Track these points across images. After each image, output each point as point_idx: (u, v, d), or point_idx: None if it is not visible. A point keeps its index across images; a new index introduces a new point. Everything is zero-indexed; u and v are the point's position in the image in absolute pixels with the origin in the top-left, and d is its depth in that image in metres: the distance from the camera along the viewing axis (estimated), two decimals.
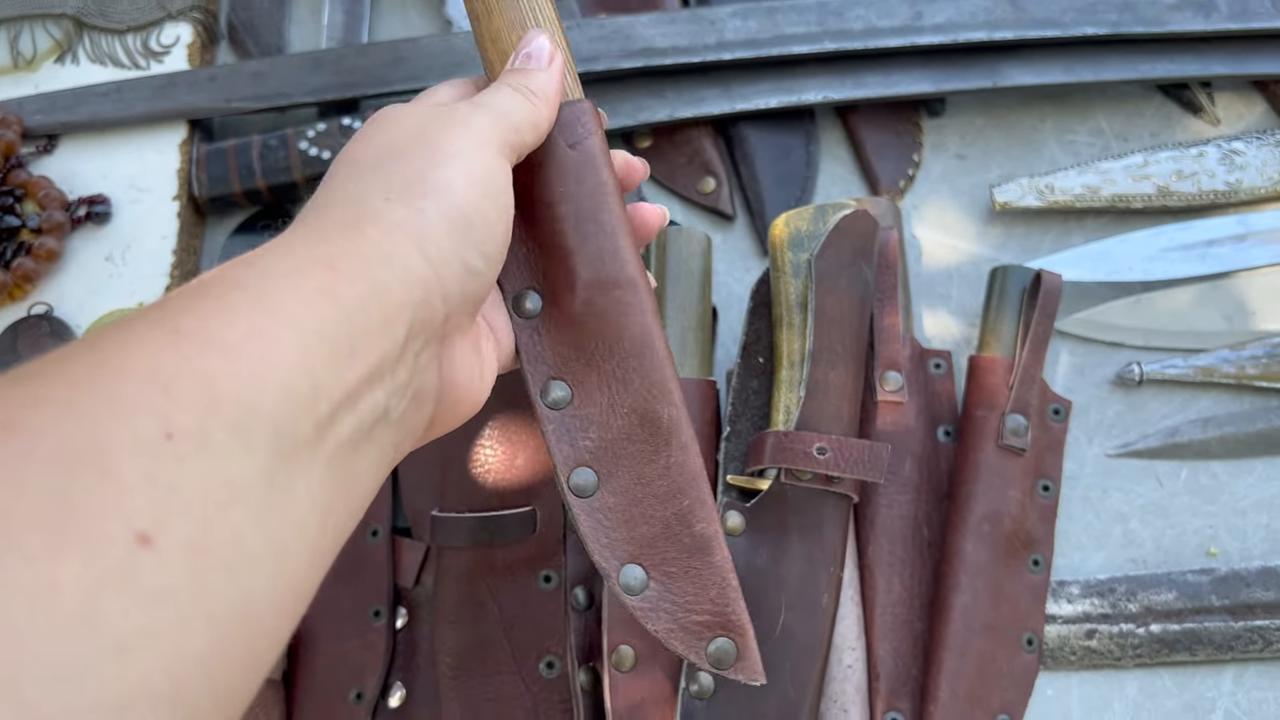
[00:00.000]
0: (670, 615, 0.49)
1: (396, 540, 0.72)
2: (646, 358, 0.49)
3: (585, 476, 0.50)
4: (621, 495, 0.49)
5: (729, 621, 0.49)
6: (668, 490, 0.49)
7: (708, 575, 0.49)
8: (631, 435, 0.49)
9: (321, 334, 0.33)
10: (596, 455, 0.50)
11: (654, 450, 0.49)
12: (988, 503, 0.69)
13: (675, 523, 0.49)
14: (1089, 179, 0.80)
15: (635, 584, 0.49)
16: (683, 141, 0.85)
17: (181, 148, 0.83)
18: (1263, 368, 0.75)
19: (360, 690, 0.69)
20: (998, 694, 0.67)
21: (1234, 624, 0.69)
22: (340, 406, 0.34)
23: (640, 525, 0.49)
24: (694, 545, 0.49)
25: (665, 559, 0.49)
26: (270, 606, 0.30)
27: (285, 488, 0.31)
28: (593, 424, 0.50)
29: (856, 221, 0.70)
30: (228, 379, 0.30)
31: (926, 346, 0.78)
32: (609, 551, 0.49)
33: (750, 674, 0.49)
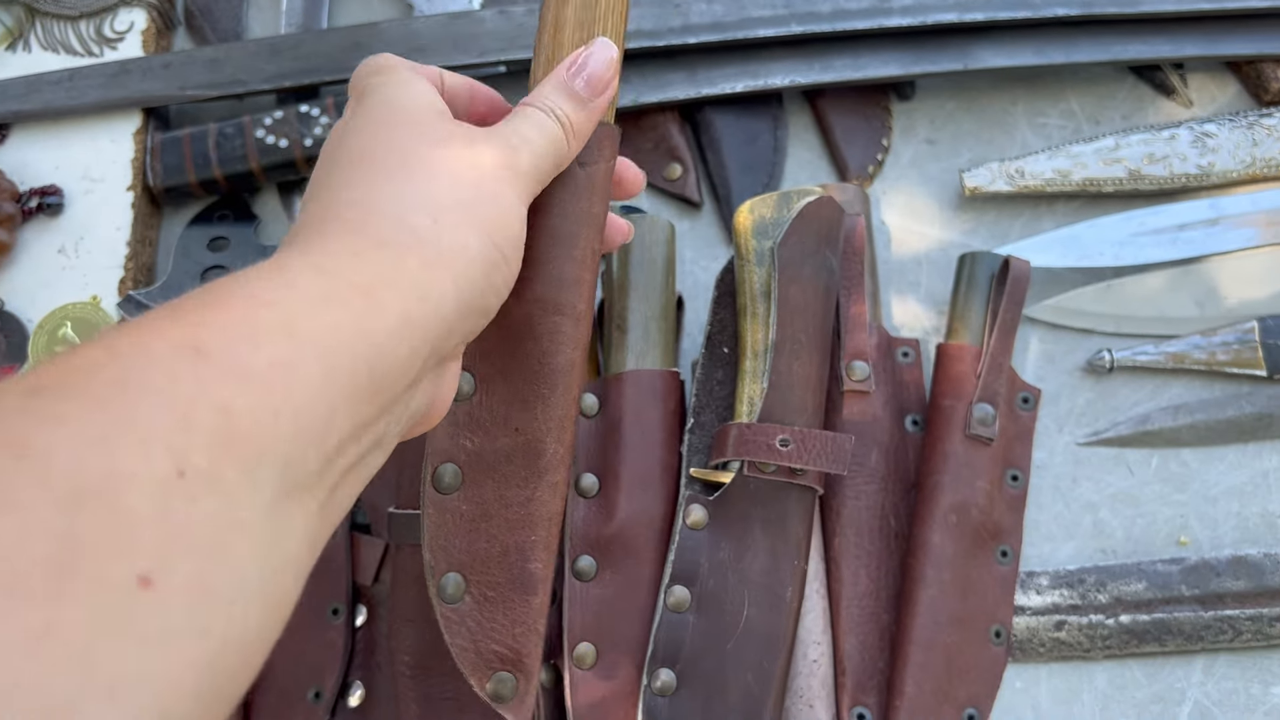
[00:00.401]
0: (470, 634, 0.50)
1: (355, 537, 0.70)
2: (559, 390, 0.49)
3: (451, 474, 0.50)
4: (477, 506, 0.49)
5: (521, 662, 0.50)
6: (521, 520, 0.50)
7: (521, 612, 0.50)
8: (512, 456, 0.49)
9: (346, 369, 0.32)
10: (471, 459, 0.50)
11: (525, 479, 0.50)
12: (955, 494, 0.68)
13: (514, 553, 0.50)
14: (1059, 163, 0.79)
15: (452, 592, 0.50)
16: (649, 127, 0.84)
17: (136, 137, 0.81)
18: (1234, 354, 0.74)
19: (319, 689, 0.68)
20: (965, 687, 0.67)
21: (1204, 614, 0.68)
22: (348, 441, 0.33)
23: (481, 541, 0.50)
24: (522, 580, 0.50)
25: (490, 581, 0.50)
26: (260, 637, 0.29)
27: (286, 523, 0.30)
28: (480, 429, 0.49)
29: (821, 208, 0.69)
30: (245, 414, 0.29)
31: (895, 335, 0.77)
32: (443, 553, 0.50)
33: (520, 716, 0.50)
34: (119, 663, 0.24)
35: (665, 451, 0.68)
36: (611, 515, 0.66)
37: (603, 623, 0.65)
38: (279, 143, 0.80)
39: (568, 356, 0.49)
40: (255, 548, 0.28)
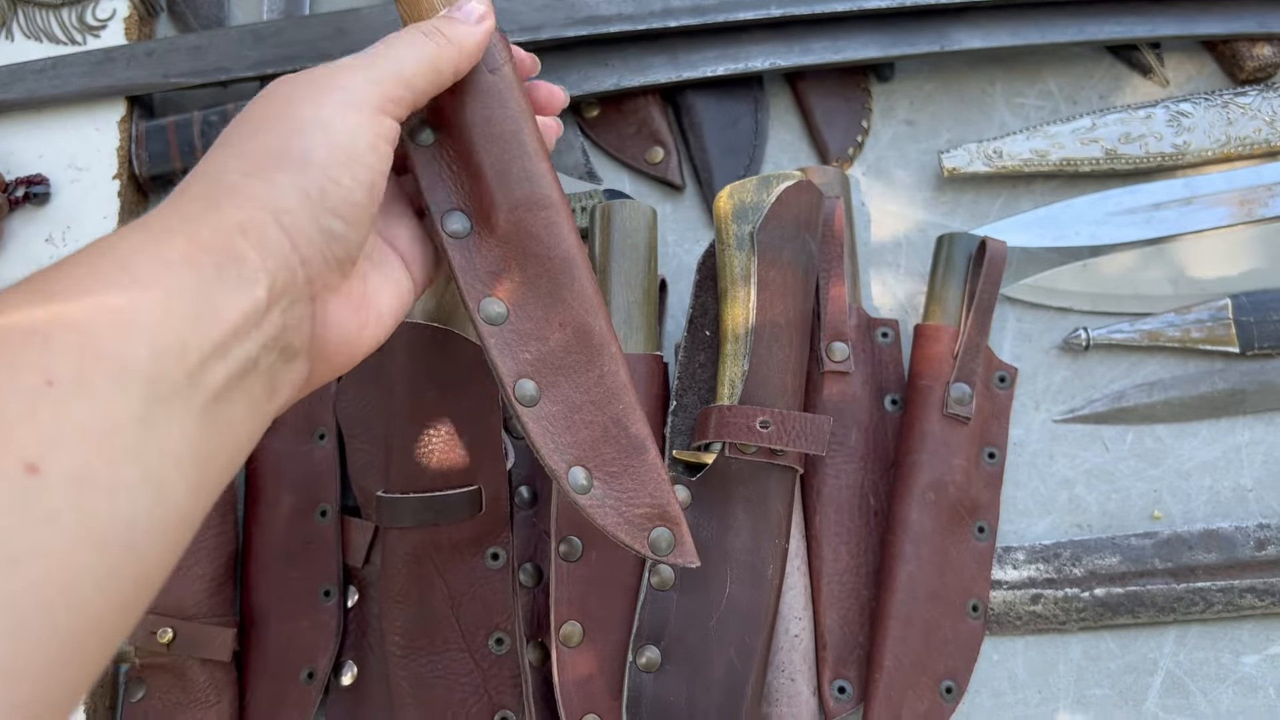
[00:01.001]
0: (615, 510, 0.53)
1: (345, 520, 0.72)
2: (574, 275, 0.53)
3: (527, 388, 0.52)
4: (562, 403, 0.53)
5: (666, 513, 0.53)
6: (603, 397, 0.53)
7: (644, 472, 0.53)
8: (568, 347, 0.53)
9: (183, 294, 0.37)
10: (536, 367, 0.53)
11: (588, 361, 0.53)
12: (932, 471, 0.70)
13: (612, 426, 0.53)
14: (1037, 143, 0.80)
15: (584, 483, 0.52)
16: (630, 111, 0.84)
17: (121, 125, 0.82)
18: (1207, 331, 0.75)
19: (312, 669, 0.69)
20: (943, 660, 0.68)
21: (1176, 586, 0.70)
22: (209, 358, 0.37)
23: (582, 430, 0.53)
24: (630, 445, 0.53)
25: (606, 459, 0.53)
26: (152, 532, 0.33)
27: (162, 427, 0.34)
28: (530, 338, 0.53)
29: (800, 193, 0.70)
30: (104, 335, 0.33)
31: (875, 315, 0.78)
32: (557, 455, 0.52)
33: (687, 558, 0.53)
34: (16, 536, 0.29)
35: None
36: None
37: (589, 602, 0.66)
38: None
39: (566, 243, 0.52)
40: (132, 445, 0.33)
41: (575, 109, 0.85)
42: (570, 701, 0.64)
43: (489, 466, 0.67)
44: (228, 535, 0.71)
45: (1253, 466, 0.74)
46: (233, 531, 0.72)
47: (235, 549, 0.72)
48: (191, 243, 0.38)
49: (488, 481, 0.67)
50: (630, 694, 0.63)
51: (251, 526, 0.73)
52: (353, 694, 0.70)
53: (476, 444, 0.66)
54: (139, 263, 0.37)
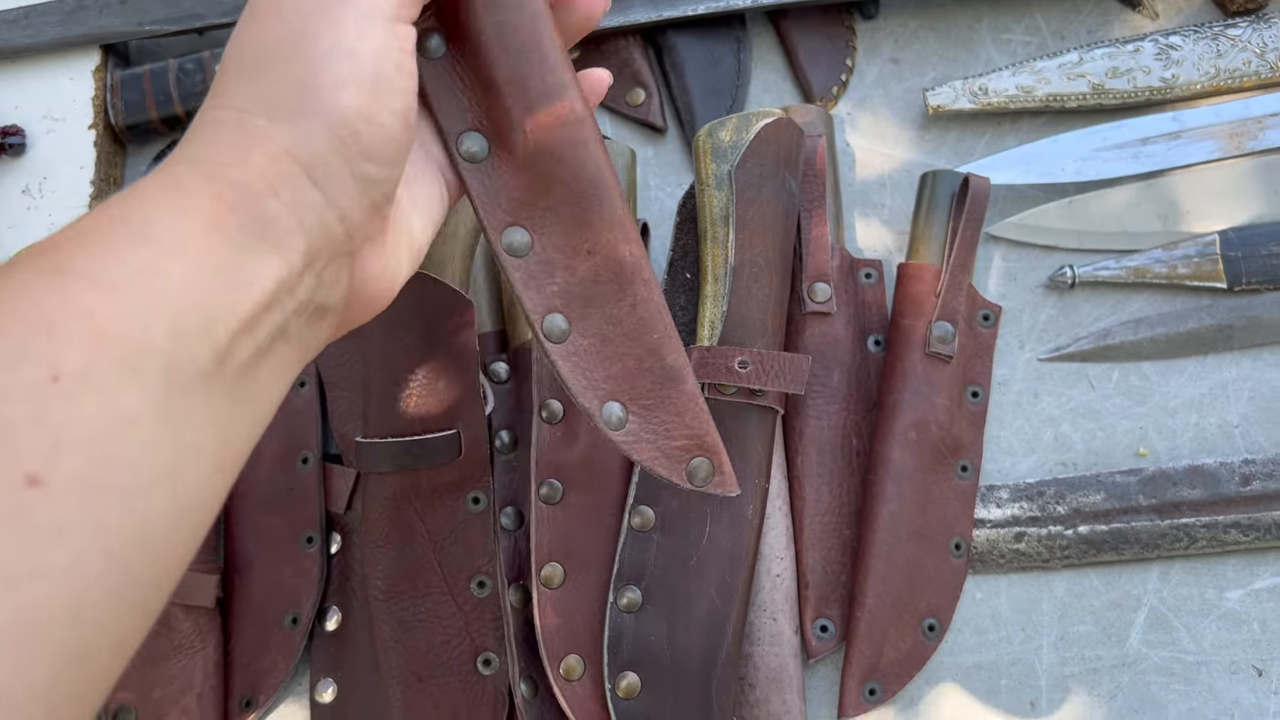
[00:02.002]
0: (652, 444, 0.50)
1: (327, 467, 0.72)
2: (603, 196, 0.48)
3: (556, 322, 0.49)
4: (594, 336, 0.50)
5: (704, 443, 0.51)
6: (636, 327, 0.50)
7: (681, 403, 0.50)
8: (597, 276, 0.49)
9: (211, 266, 0.33)
10: (565, 300, 0.49)
11: (620, 289, 0.49)
12: (914, 411, 0.69)
13: (647, 357, 0.50)
14: (1023, 79, 0.78)
15: (616, 419, 0.50)
16: (610, 52, 0.83)
17: (95, 74, 0.81)
18: (1194, 267, 0.74)
19: (296, 615, 0.70)
20: (925, 598, 0.68)
21: (1160, 523, 0.70)
22: (237, 334, 0.34)
23: (615, 363, 0.50)
24: (666, 376, 0.50)
25: (641, 392, 0.50)
26: (170, 526, 0.31)
27: (184, 416, 0.31)
28: (557, 268, 0.49)
29: (779, 130, 0.69)
30: (114, 318, 0.30)
31: (859, 256, 0.77)
32: (590, 392, 0.50)
33: (727, 487, 0.51)
34: (16, 555, 0.26)
35: None
36: (576, 440, 0.67)
37: (569, 544, 0.66)
38: None
39: (594, 160, 0.48)
40: (147, 441, 0.30)
41: None
42: (552, 642, 0.64)
43: (468, 411, 0.66)
44: None
45: (1239, 402, 0.73)
46: None
47: None
48: (219, 203, 0.35)
49: (467, 426, 0.67)
50: (611, 634, 0.64)
51: None
52: (337, 639, 0.70)
53: (454, 388, 0.66)
54: (160, 229, 0.33)
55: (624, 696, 0.63)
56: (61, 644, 0.27)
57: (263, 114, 0.38)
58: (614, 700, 0.63)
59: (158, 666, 0.68)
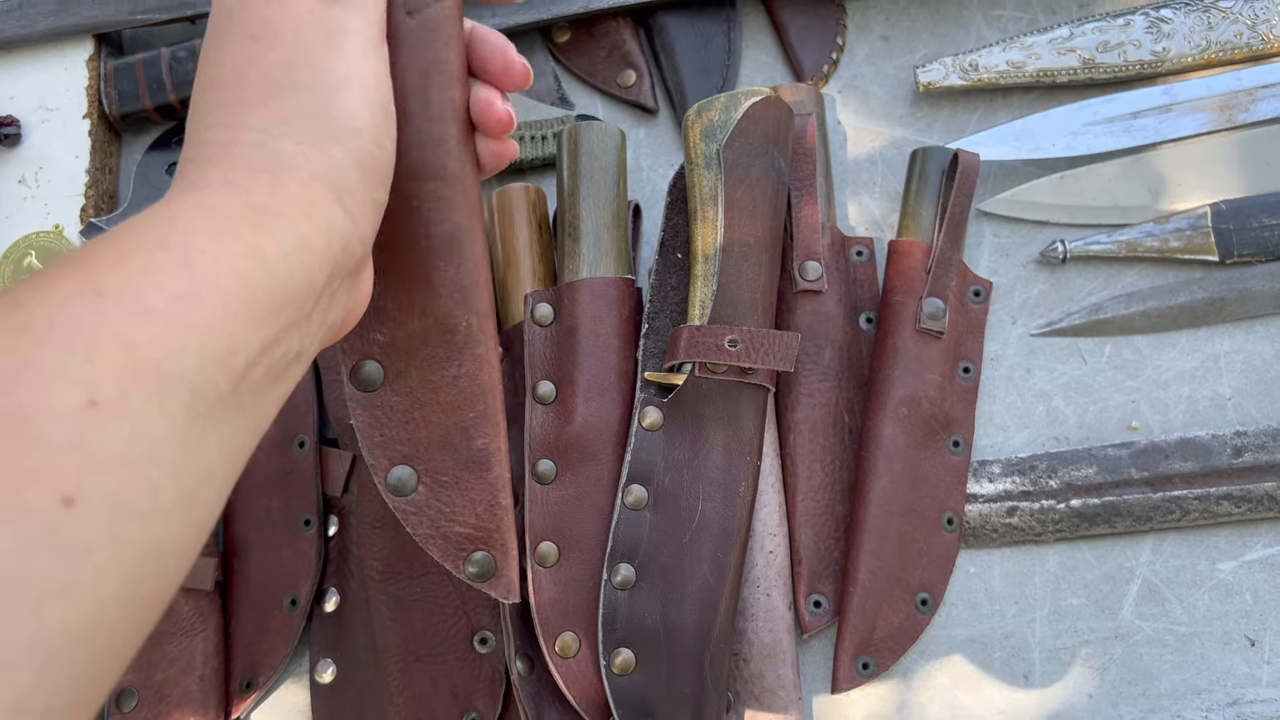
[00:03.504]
0: (432, 522, 0.49)
1: (323, 451, 0.72)
2: (454, 260, 0.47)
3: (371, 370, 0.48)
4: (405, 396, 0.48)
5: (491, 538, 0.50)
6: (454, 400, 0.48)
7: (479, 490, 0.49)
8: (426, 338, 0.48)
9: (244, 296, 0.34)
10: (386, 351, 0.48)
11: (446, 357, 0.48)
12: (905, 387, 0.69)
13: (456, 434, 0.49)
14: (1013, 55, 0.78)
15: (403, 485, 0.49)
16: (601, 34, 0.83)
17: (89, 64, 0.81)
18: (1186, 240, 0.74)
19: (294, 597, 0.70)
20: (918, 573, 0.69)
21: (1153, 495, 0.70)
22: (257, 360, 0.35)
23: (420, 429, 0.49)
24: (471, 459, 0.49)
25: (439, 467, 0.49)
26: (180, 547, 0.32)
27: (200, 442, 0.32)
28: (388, 318, 0.48)
29: (767, 108, 0.69)
30: (149, 345, 0.31)
31: (851, 234, 0.78)
32: (380, 450, 0.49)
33: (504, 592, 0.50)
34: (49, 576, 0.27)
35: (621, 358, 0.69)
36: (569, 420, 0.68)
37: (563, 523, 0.67)
38: None
39: (452, 223, 0.46)
40: (170, 466, 0.31)
41: (546, 34, 0.84)
42: (547, 620, 0.65)
43: None
44: None
45: (1232, 375, 0.73)
46: None
47: None
48: (257, 231, 0.35)
49: None
50: (606, 611, 0.64)
51: None
52: (335, 620, 0.71)
53: None
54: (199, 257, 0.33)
55: (619, 673, 0.63)
56: (77, 661, 0.28)
57: (286, 139, 0.39)
58: (609, 676, 0.63)
59: (159, 649, 0.69)
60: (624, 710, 0.62)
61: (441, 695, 0.66)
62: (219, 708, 0.69)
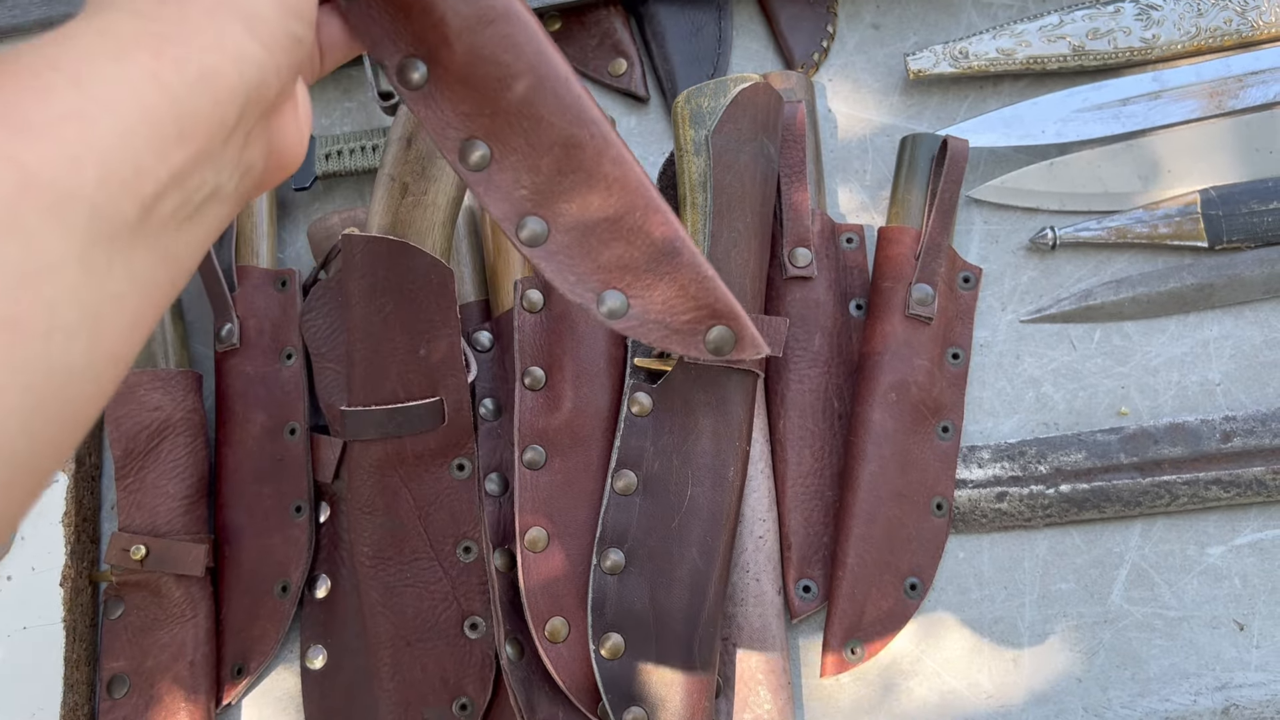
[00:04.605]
0: (660, 324, 0.50)
1: (314, 437, 0.72)
2: (549, 85, 0.46)
3: (533, 226, 0.49)
4: (573, 230, 0.49)
5: (716, 310, 0.50)
6: (616, 209, 0.48)
7: (682, 275, 0.50)
8: (562, 168, 0.48)
9: (145, 119, 0.33)
10: (535, 200, 0.48)
11: (589, 176, 0.48)
12: (894, 372, 0.70)
13: (634, 236, 0.49)
14: (1003, 42, 0.78)
15: (618, 307, 0.49)
16: (592, 23, 0.83)
17: None
18: (1175, 226, 0.74)
19: (285, 583, 0.70)
20: (907, 557, 0.69)
21: (1142, 480, 0.70)
22: (167, 187, 0.34)
23: (601, 251, 0.49)
24: (658, 252, 0.49)
25: (636, 274, 0.49)
26: (87, 372, 0.32)
27: (105, 265, 0.32)
28: (521, 171, 0.48)
29: (756, 95, 0.69)
30: (40, 163, 0.30)
31: (842, 221, 0.78)
32: (581, 286, 0.49)
33: (753, 350, 0.51)
34: None
35: (610, 344, 0.70)
36: (559, 406, 0.68)
37: (553, 508, 0.67)
38: None
39: (532, 49, 0.45)
40: (69, 287, 0.30)
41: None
42: (536, 605, 0.65)
43: (450, 378, 0.67)
44: (199, 456, 0.72)
45: (1221, 360, 0.73)
46: (204, 451, 0.72)
47: (207, 469, 0.73)
48: (158, 58, 0.34)
49: (450, 393, 0.67)
50: (595, 596, 0.64)
51: (223, 446, 0.73)
52: (326, 606, 0.71)
53: (436, 356, 0.67)
54: (93, 79, 0.32)
55: (608, 657, 0.63)
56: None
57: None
58: (598, 661, 0.63)
59: (150, 635, 0.69)
60: (613, 695, 0.63)
61: (432, 680, 0.67)
62: (210, 694, 0.69)
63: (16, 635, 0.70)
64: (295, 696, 0.71)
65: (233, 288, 0.75)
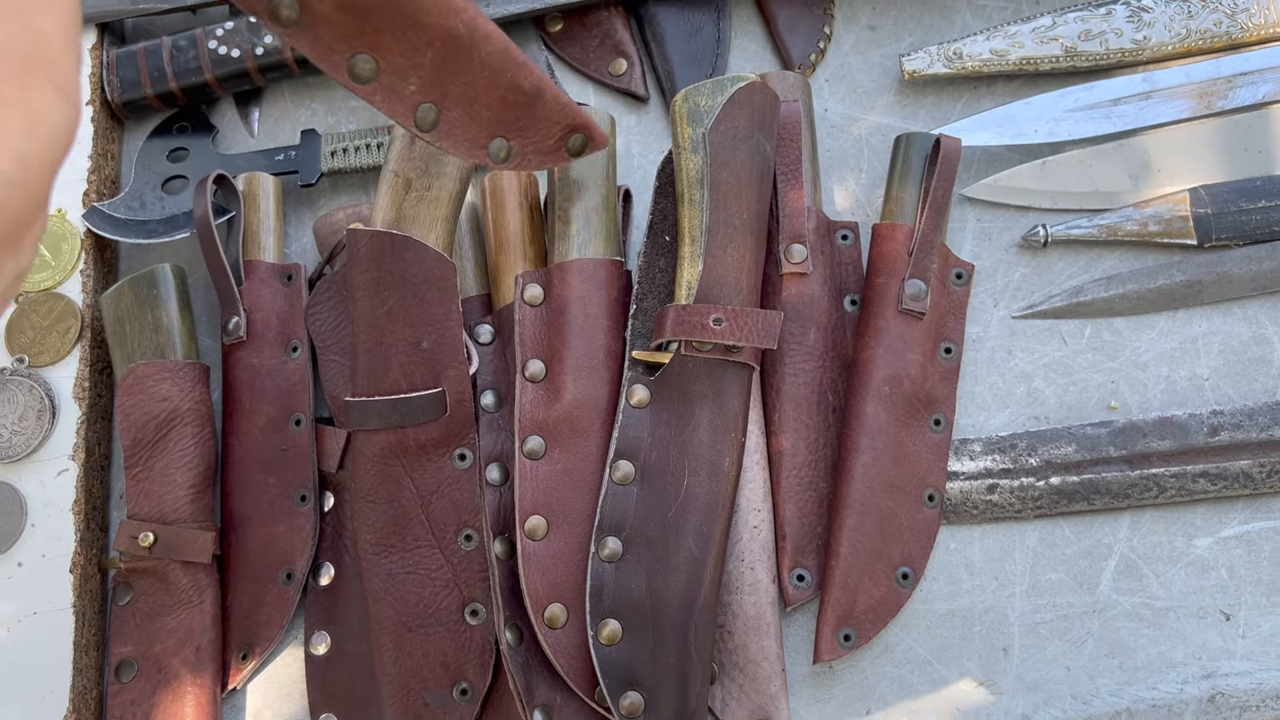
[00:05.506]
0: (536, 153, 0.60)
1: (319, 428, 0.74)
2: None
3: (424, 114, 0.56)
4: (461, 104, 0.56)
5: (574, 124, 0.60)
6: (491, 77, 0.56)
7: (548, 109, 0.59)
8: (443, 58, 0.54)
9: None
10: (424, 91, 0.55)
11: (466, 58, 0.55)
12: (888, 366, 0.71)
13: (509, 93, 0.57)
14: (997, 44, 0.80)
15: (501, 151, 0.60)
16: (593, 23, 0.85)
17: (92, 52, 0.83)
18: (1165, 224, 0.76)
19: (290, 570, 0.72)
20: (899, 547, 0.70)
21: (1130, 473, 0.71)
22: None
23: (484, 113, 0.57)
24: (529, 98, 0.58)
25: (514, 121, 0.58)
26: None
27: None
28: (408, 72, 0.54)
29: (753, 94, 0.71)
30: None
31: (837, 219, 0.79)
32: (474, 146, 0.59)
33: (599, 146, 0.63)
34: None
35: (610, 337, 0.71)
36: (559, 397, 0.69)
37: (552, 498, 0.68)
38: (231, 53, 0.82)
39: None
40: None
41: (539, 23, 0.86)
42: (536, 592, 0.66)
43: (452, 370, 0.69)
44: (206, 446, 0.73)
45: (1209, 356, 0.75)
46: (211, 442, 0.74)
47: (214, 459, 0.74)
48: None
49: (451, 384, 0.69)
50: (593, 583, 0.66)
51: (229, 437, 0.75)
52: (330, 593, 0.72)
53: (438, 348, 0.68)
54: None
55: (606, 643, 0.65)
56: None
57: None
58: (596, 647, 0.65)
59: (157, 621, 0.71)
60: (610, 680, 0.64)
61: (433, 665, 0.68)
62: (216, 678, 0.70)
63: (27, 620, 0.71)
64: (299, 681, 0.72)
65: (240, 282, 0.77)
